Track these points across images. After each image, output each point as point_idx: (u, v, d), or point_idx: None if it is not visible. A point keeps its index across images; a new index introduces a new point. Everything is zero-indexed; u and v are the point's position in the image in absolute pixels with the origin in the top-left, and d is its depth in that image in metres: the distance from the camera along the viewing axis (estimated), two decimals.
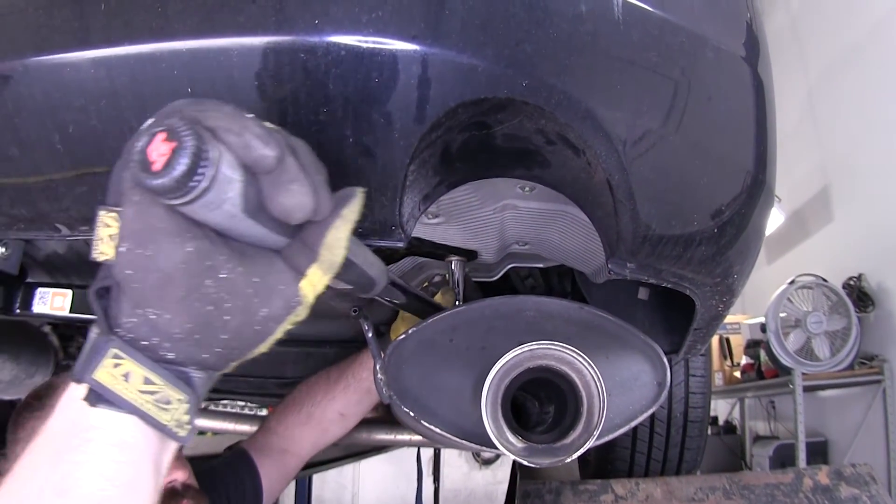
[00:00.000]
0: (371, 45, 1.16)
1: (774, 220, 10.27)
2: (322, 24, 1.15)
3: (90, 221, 1.39)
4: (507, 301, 1.77)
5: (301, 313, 1.03)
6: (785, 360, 7.68)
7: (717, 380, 10.21)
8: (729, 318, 10.00)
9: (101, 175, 1.30)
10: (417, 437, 3.09)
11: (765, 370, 8.91)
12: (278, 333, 1.03)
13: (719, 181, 1.56)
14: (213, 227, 0.94)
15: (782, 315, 7.69)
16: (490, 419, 1.59)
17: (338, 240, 1.02)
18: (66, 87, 1.23)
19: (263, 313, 0.99)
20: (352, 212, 1.02)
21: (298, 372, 3.01)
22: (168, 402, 0.98)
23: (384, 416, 3.22)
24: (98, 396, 0.95)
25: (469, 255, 2.12)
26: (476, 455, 13.78)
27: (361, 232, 1.33)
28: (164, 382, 0.97)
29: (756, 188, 1.60)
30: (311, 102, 1.19)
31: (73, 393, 0.98)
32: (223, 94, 1.19)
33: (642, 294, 2.26)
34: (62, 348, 3.20)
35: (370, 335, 1.81)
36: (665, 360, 1.79)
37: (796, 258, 10.03)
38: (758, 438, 10.24)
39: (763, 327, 8.17)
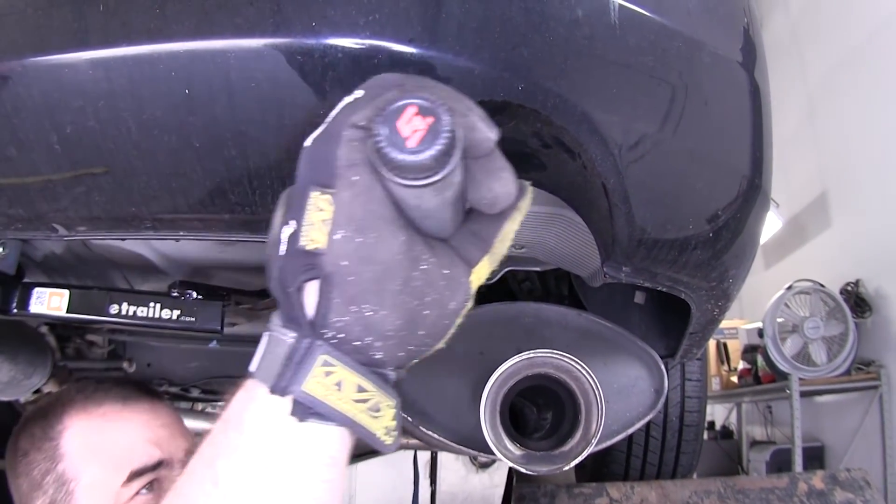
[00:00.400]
0: (368, 48, 1.16)
1: (772, 225, 10.29)
2: (319, 27, 1.15)
3: (88, 222, 1.40)
4: (505, 307, 1.77)
5: (469, 307, 0.97)
6: (782, 366, 7.68)
7: (715, 385, 10.22)
8: (726, 323, 10.02)
9: (99, 176, 1.31)
10: (414, 441, 3.08)
11: (762, 375, 8.93)
12: (453, 329, 0.97)
13: (715, 185, 1.57)
14: (412, 213, 0.89)
15: (780, 320, 7.70)
16: (489, 427, 1.59)
17: (511, 232, 0.97)
18: (65, 87, 1.23)
19: (452, 306, 0.94)
20: (526, 206, 0.98)
21: None
22: (378, 410, 0.91)
23: None
24: (307, 410, 0.88)
25: None
26: (473, 458, 13.78)
27: None
28: (376, 389, 0.90)
29: (752, 192, 1.61)
30: (308, 105, 1.19)
31: (269, 407, 0.89)
32: (220, 96, 1.19)
33: (639, 298, 2.26)
34: (59, 349, 3.20)
35: None
36: (662, 367, 1.80)
37: (794, 263, 10.04)
38: (755, 443, 10.25)
39: (760, 332, 8.18)
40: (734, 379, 10.01)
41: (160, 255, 2.21)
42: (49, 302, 2.02)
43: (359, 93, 0.88)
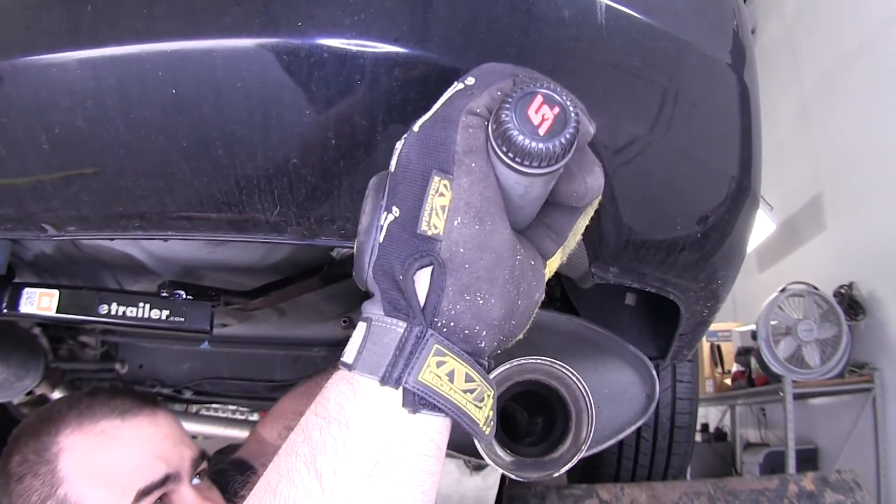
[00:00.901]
0: (354, 48, 1.16)
1: (766, 228, 10.29)
2: (305, 27, 1.16)
3: (77, 222, 1.40)
4: None
5: (541, 299, 0.98)
6: (775, 368, 7.68)
7: (708, 387, 10.21)
8: (720, 326, 10.03)
9: (88, 175, 1.31)
10: None
11: (755, 378, 8.91)
12: (532, 320, 0.98)
13: (703, 186, 1.57)
14: (516, 201, 0.89)
15: (773, 323, 7.69)
16: None
17: (583, 226, 0.99)
18: (53, 87, 1.23)
19: (537, 296, 0.95)
20: (596, 203, 0.98)
21: (287, 375, 3.01)
22: (483, 400, 0.90)
23: None
24: (419, 401, 0.86)
25: None
26: (467, 461, 13.75)
27: (343, 234, 1.34)
28: (481, 379, 0.89)
29: (740, 194, 1.61)
30: (293, 104, 1.19)
31: (375, 398, 0.88)
32: (207, 96, 1.20)
33: (629, 300, 2.26)
34: (52, 351, 3.20)
35: None
36: (654, 372, 1.79)
37: (788, 266, 10.04)
38: (748, 446, 10.24)
39: (754, 335, 8.16)
40: (728, 381, 10.00)
41: (150, 255, 2.20)
42: (39, 302, 2.02)
43: (470, 80, 0.89)
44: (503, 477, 4.92)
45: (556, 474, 1.62)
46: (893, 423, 7.33)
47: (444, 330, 0.87)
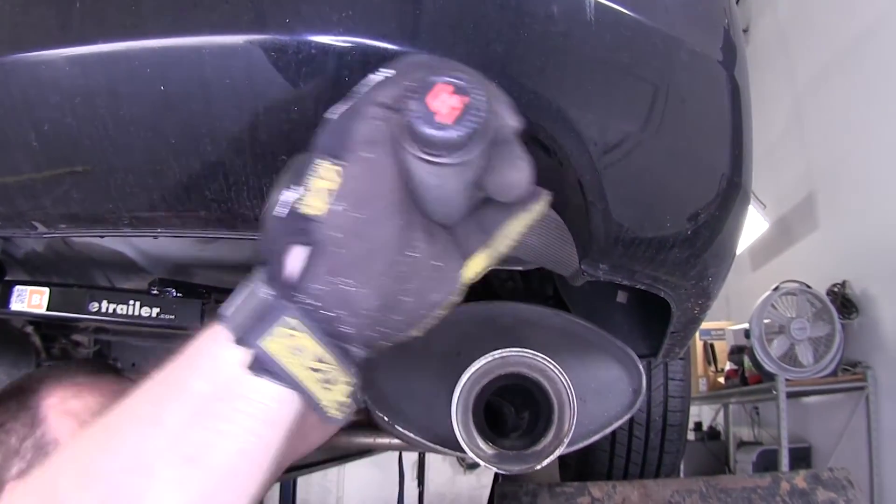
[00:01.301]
0: (341, 44, 1.16)
1: (759, 226, 10.30)
2: (293, 23, 1.15)
3: (67, 219, 1.40)
4: (483, 307, 1.77)
5: (454, 301, 0.98)
6: (769, 367, 7.69)
7: (701, 385, 10.23)
8: (713, 325, 10.05)
9: (77, 173, 1.31)
10: (397, 441, 3.08)
11: (749, 376, 8.93)
12: (434, 320, 0.99)
13: (693, 183, 1.57)
14: (433, 194, 0.90)
15: (766, 321, 7.71)
16: (460, 425, 1.59)
17: (515, 231, 0.98)
18: (42, 84, 1.23)
19: (433, 297, 0.95)
20: (537, 211, 0.99)
21: None
22: (334, 383, 0.91)
23: (365, 420, 3.21)
24: (262, 366, 0.89)
25: None
26: (460, 459, 13.80)
27: None
28: (336, 363, 0.90)
29: (731, 191, 1.61)
30: (281, 101, 1.19)
31: (226, 352, 0.90)
32: (196, 93, 1.20)
33: (621, 297, 2.27)
34: (45, 349, 3.19)
35: None
36: (641, 366, 1.79)
37: (781, 265, 10.05)
38: (741, 444, 10.26)
39: (747, 333, 8.19)
40: (721, 380, 10.01)
41: (140, 252, 2.21)
42: (30, 300, 2.02)
43: (389, 72, 0.90)
44: (496, 476, 4.92)
45: (538, 466, 1.62)
46: (886, 422, 7.35)
47: (307, 307, 0.88)
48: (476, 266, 0.97)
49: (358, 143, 0.86)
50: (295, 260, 0.90)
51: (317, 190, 0.86)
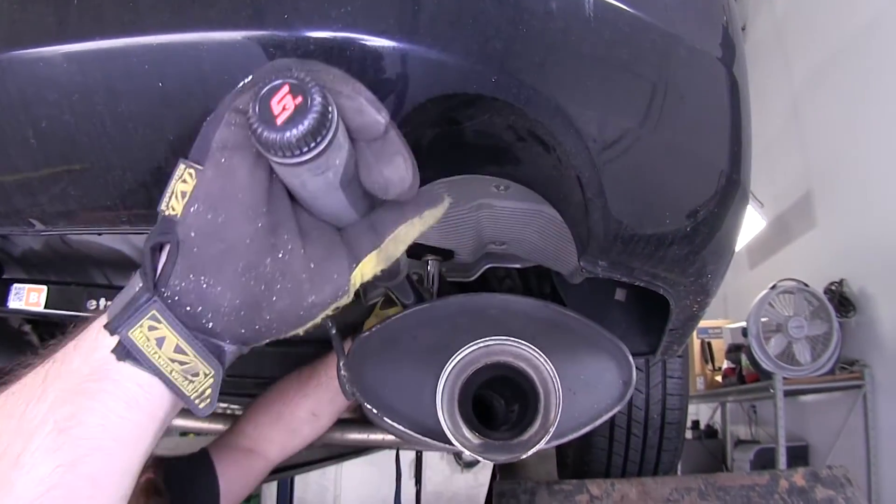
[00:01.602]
0: (340, 40, 1.16)
1: (757, 225, 10.32)
2: (292, 19, 1.15)
3: (64, 216, 1.40)
4: (471, 299, 1.77)
5: (343, 303, 1.02)
6: (766, 365, 7.70)
7: (699, 384, 10.24)
8: (710, 323, 10.06)
9: (75, 170, 1.30)
10: (391, 438, 3.08)
11: (746, 375, 8.95)
12: (318, 319, 1.02)
13: (692, 180, 1.56)
14: (302, 195, 0.93)
15: (764, 320, 7.72)
16: (446, 415, 1.59)
17: (408, 236, 1.02)
18: (39, 81, 1.23)
19: (311, 299, 0.98)
20: (433, 217, 1.02)
21: (277, 371, 3.00)
22: (195, 374, 0.97)
23: (359, 417, 3.20)
24: (127, 353, 0.95)
25: (445, 255, 2.12)
26: (458, 458, 13.83)
27: None
28: (196, 355, 0.96)
29: (730, 187, 1.61)
30: None
31: (103, 338, 0.97)
32: (194, 89, 1.19)
33: (619, 295, 2.27)
34: (42, 348, 3.18)
35: (333, 332, 1.81)
36: (631, 358, 1.78)
37: (778, 263, 10.07)
38: (739, 443, 10.28)
39: (745, 332, 8.19)
40: (718, 378, 10.03)
41: (139, 250, 2.20)
42: (27, 298, 2.02)
43: (247, 78, 0.94)
44: (494, 474, 4.92)
45: (524, 456, 1.62)
46: (884, 420, 7.36)
47: (169, 301, 0.95)
48: (366, 268, 1.01)
49: (214, 147, 0.92)
50: (163, 258, 0.96)
51: (176, 192, 0.93)
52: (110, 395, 0.95)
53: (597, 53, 1.34)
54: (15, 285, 2.03)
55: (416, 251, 2.09)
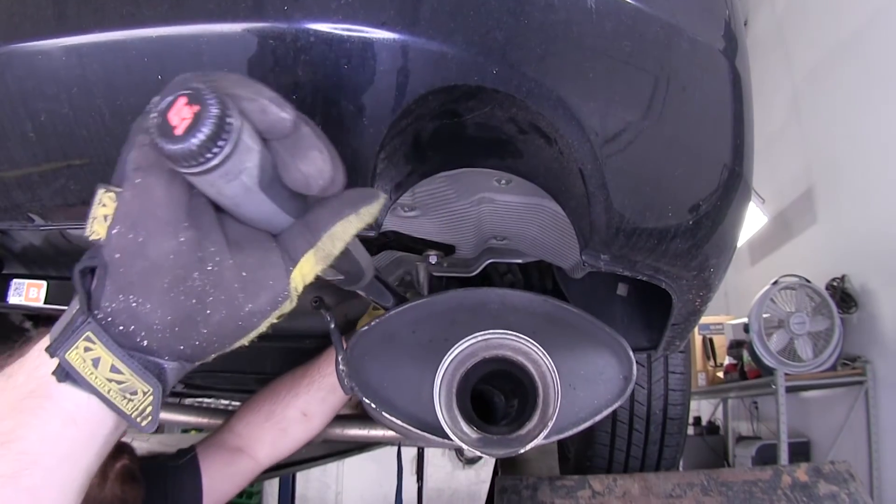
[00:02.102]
0: (340, 32, 1.15)
1: (758, 221, 10.32)
2: (291, 11, 1.15)
3: (63, 211, 1.39)
4: (470, 293, 1.76)
5: (287, 308, 1.01)
6: (768, 361, 7.70)
7: (701, 380, 10.24)
8: (712, 319, 10.05)
9: (74, 165, 1.30)
10: (391, 433, 3.07)
11: (748, 371, 8.93)
12: (262, 328, 1.01)
13: (694, 173, 1.56)
14: (224, 203, 0.92)
15: (765, 316, 7.72)
16: (444, 409, 1.58)
17: (345, 233, 1.00)
18: (38, 74, 1.22)
19: (248, 308, 0.97)
20: (370, 213, 1.01)
21: (278, 367, 3.00)
22: (134, 393, 0.98)
23: (359, 413, 3.20)
24: (66, 374, 0.96)
25: (446, 250, 2.12)
26: (459, 455, 13.82)
27: None
28: (132, 374, 0.97)
29: (732, 181, 1.60)
30: (279, 89, 1.17)
31: (45, 358, 0.98)
32: None
33: (621, 290, 2.26)
34: None
35: (332, 326, 1.80)
36: (631, 353, 1.78)
37: (780, 259, 10.06)
38: (740, 439, 10.28)
39: (746, 328, 8.19)
40: (720, 374, 10.02)
41: None
42: (27, 293, 2.02)
43: (156, 98, 0.91)
44: (495, 470, 4.92)
45: (522, 450, 1.61)
46: (885, 416, 7.36)
47: (103, 322, 0.95)
48: (305, 268, 1.00)
49: (129, 169, 0.93)
50: (95, 281, 0.97)
51: (98, 217, 0.94)
52: (48, 412, 0.97)
53: (598, 45, 1.33)
54: (14, 281, 2.03)
55: (418, 247, 2.09)
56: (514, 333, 1.59)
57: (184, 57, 1.18)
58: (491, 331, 1.59)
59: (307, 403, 2.33)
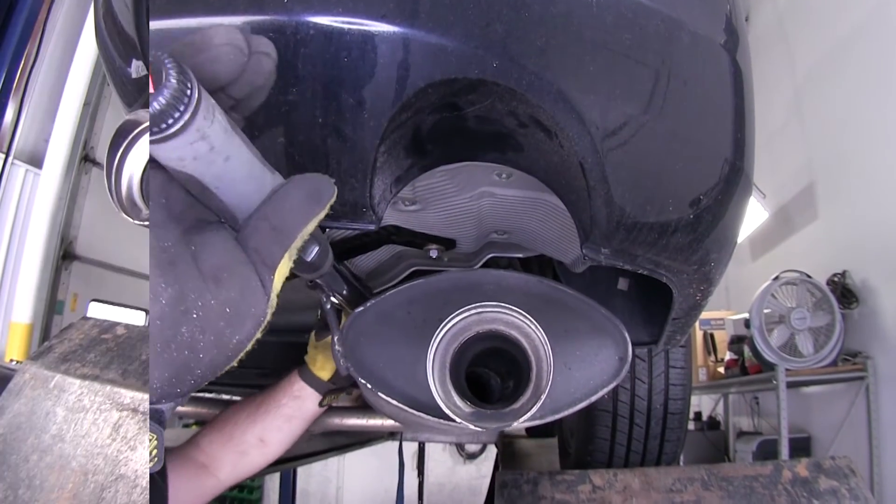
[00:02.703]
0: (340, 25, 1.15)
1: (759, 216, 10.31)
2: (292, 4, 1.15)
3: None
4: (465, 275, 1.76)
5: (268, 319, 0.98)
6: (769, 356, 7.70)
7: (701, 375, 10.24)
8: (713, 314, 10.05)
9: None
10: (390, 423, 3.07)
11: (749, 366, 8.93)
12: (249, 346, 0.98)
13: (695, 167, 1.55)
14: (208, 175, 0.90)
15: (766, 311, 7.71)
16: (437, 383, 1.57)
17: (311, 227, 0.98)
18: None
19: (236, 340, 0.95)
20: (331, 201, 0.99)
21: (279, 362, 3.01)
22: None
23: (357, 404, 3.20)
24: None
25: (447, 244, 2.12)
26: (460, 449, 13.86)
27: (331, 214, 1.32)
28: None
29: (733, 175, 1.60)
30: (280, 83, 1.18)
31: None
32: None
33: (622, 284, 2.26)
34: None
35: (328, 307, 1.80)
36: (626, 335, 1.77)
37: (781, 255, 10.06)
38: (741, 434, 10.28)
39: (747, 323, 8.20)
40: (721, 370, 10.02)
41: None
42: None
43: None
44: (495, 464, 4.92)
45: (515, 423, 1.61)
46: (886, 412, 7.36)
47: None
48: (282, 270, 0.98)
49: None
50: None
51: None
52: None
53: (599, 38, 1.33)
54: None
55: (418, 241, 2.08)
56: (508, 307, 1.58)
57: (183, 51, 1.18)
58: (484, 303, 1.58)
59: (264, 430, 2.34)
